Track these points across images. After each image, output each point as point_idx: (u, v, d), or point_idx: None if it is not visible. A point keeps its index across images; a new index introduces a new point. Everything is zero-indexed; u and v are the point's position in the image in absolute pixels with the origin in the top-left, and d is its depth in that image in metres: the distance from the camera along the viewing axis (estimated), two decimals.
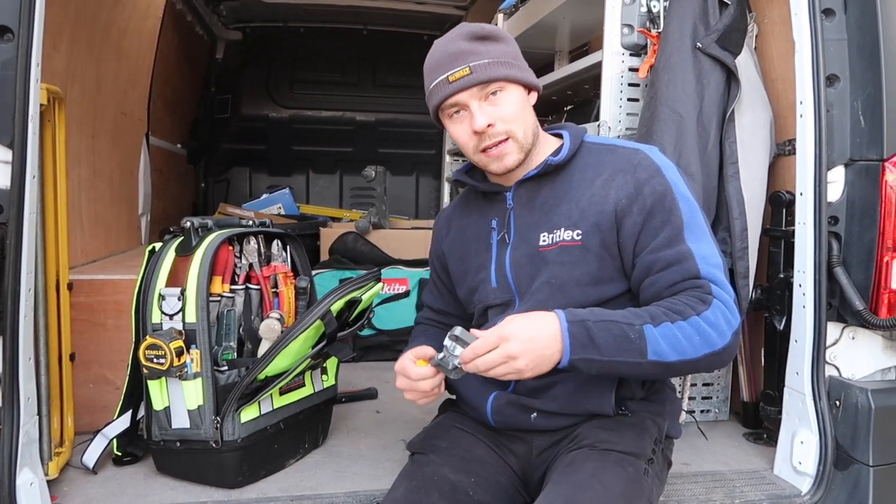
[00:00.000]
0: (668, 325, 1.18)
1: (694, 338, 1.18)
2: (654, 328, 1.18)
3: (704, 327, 1.19)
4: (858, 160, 1.61)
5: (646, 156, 1.33)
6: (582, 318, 1.18)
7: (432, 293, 1.63)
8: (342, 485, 1.64)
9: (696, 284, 1.24)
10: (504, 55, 1.33)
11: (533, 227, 1.37)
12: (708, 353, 1.19)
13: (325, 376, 1.88)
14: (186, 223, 1.68)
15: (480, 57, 1.30)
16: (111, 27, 2.71)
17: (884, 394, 1.60)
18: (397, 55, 4.58)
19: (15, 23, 1.33)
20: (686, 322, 1.19)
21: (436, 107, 1.37)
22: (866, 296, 1.58)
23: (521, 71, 1.35)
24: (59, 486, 1.58)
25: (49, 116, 1.58)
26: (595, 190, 1.32)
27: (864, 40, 1.60)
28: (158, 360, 1.52)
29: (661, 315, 1.20)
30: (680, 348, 1.18)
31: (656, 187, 1.29)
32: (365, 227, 3.27)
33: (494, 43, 1.33)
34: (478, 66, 1.30)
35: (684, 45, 1.84)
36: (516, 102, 1.33)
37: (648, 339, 1.17)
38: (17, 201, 1.35)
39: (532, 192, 1.39)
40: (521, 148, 1.34)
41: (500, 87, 1.31)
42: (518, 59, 1.36)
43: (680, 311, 1.20)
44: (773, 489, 1.66)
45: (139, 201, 3.12)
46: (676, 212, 1.28)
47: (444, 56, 1.33)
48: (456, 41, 1.33)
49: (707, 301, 1.21)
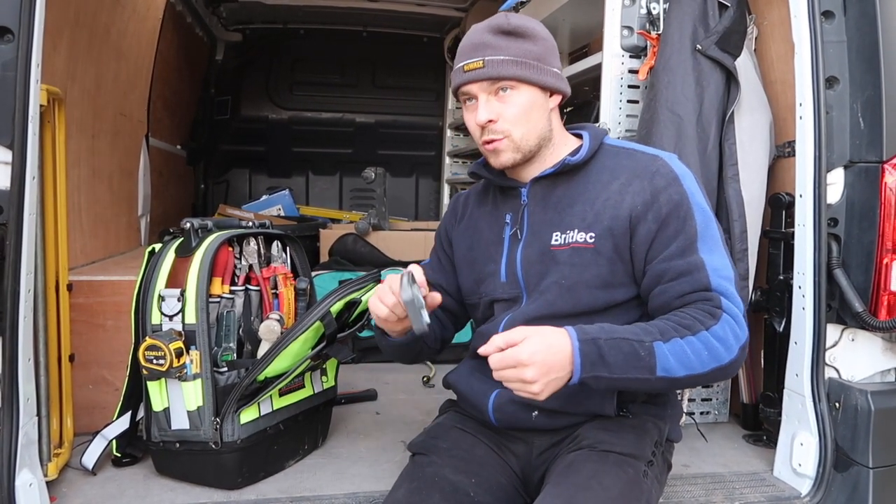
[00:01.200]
0: (677, 341, 1.18)
1: (702, 353, 1.19)
2: (663, 344, 1.18)
3: (713, 342, 1.19)
4: (858, 162, 1.61)
5: (664, 163, 1.33)
6: (593, 337, 1.17)
7: (432, 267, 1.59)
8: (342, 486, 1.64)
9: (706, 297, 1.24)
10: (525, 54, 1.31)
11: (546, 226, 1.36)
12: (715, 367, 1.20)
13: (324, 377, 1.88)
14: (186, 224, 1.68)
15: (498, 52, 1.30)
16: (111, 28, 2.71)
17: (883, 395, 1.60)
18: (397, 57, 4.59)
19: (15, 23, 1.33)
20: (695, 337, 1.19)
21: (454, 90, 1.40)
22: (866, 298, 1.58)
23: (539, 73, 1.33)
24: (58, 487, 1.58)
25: (49, 117, 1.58)
26: (611, 193, 1.32)
27: (864, 42, 1.60)
28: (158, 361, 1.52)
29: (670, 330, 1.20)
30: (688, 363, 1.18)
31: (673, 196, 1.29)
32: (365, 229, 3.27)
33: (520, 40, 1.32)
34: (491, 62, 1.30)
35: (684, 47, 1.85)
36: (524, 104, 1.32)
37: (658, 356, 1.17)
38: (17, 202, 1.35)
39: (547, 190, 1.39)
40: (516, 149, 1.35)
41: (510, 85, 1.31)
42: (542, 60, 1.34)
43: (689, 325, 1.20)
44: (773, 491, 1.66)
45: (139, 202, 3.12)
46: (691, 222, 1.28)
47: (468, 44, 1.34)
48: (482, 32, 1.34)
49: (716, 315, 1.21)
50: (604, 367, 1.15)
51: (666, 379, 1.18)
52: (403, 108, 4.67)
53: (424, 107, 4.67)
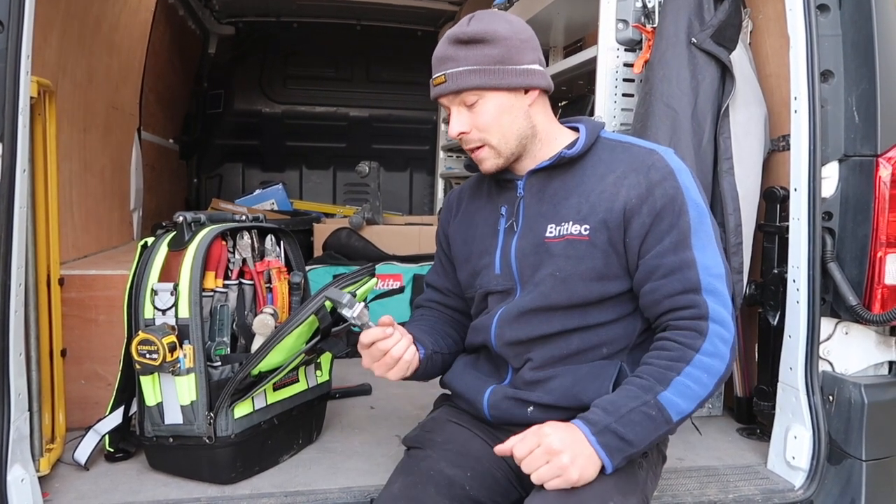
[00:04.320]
0: (676, 380, 1.21)
1: (702, 378, 1.22)
2: (666, 392, 1.20)
3: (706, 361, 1.22)
4: (852, 156, 1.61)
5: (660, 157, 1.33)
6: (605, 426, 1.18)
7: (436, 272, 1.61)
8: (336, 480, 1.63)
9: (694, 302, 1.25)
10: (484, 60, 1.29)
11: (541, 218, 1.36)
12: (716, 381, 1.23)
13: (319, 372, 1.87)
14: (179, 218, 1.66)
15: (458, 64, 1.30)
16: (102, 21, 2.69)
17: (877, 389, 1.60)
18: (391, 51, 4.57)
19: (5, 15, 1.32)
20: (690, 366, 1.21)
21: None
22: (860, 291, 1.59)
23: (501, 76, 1.30)
24: (50, 483, 1.57)
25: (39, 110, 1.57)
26: (606, 186, 1.32)
27: (859, 36, 1.60)
28: (151, 355, 1.51)
29: (665, 372, 1.22)
30: (694, 394, 1.21)
31: (668, 190, 1.29)
32: (359, 223, 3.26)
33: (478, 46, 1.29)
34: (452, 75, 1.30)
35: (679, 40, 1.84)
36: (493, 111, 1.32)
37: (667, 406, 1.20)
38: (7, 195, 1.33)
39: (543, 182, 1.38)
40: (497, 154, 1.35)
41: (476, 95, 1.31)
42: (506, 62, 1.30)
43: (680, 356, 1.23)
44: (767, 484, 1.66)
45: (131, 196, 3.10)
46: (685, 217, 1.28)
47: (435, 58, 1.35)
48: (444, 44, 1.34)
49: (702, 330, 1.23)
50: (628, 446, 1.18)
51: (683, 417, 1.23)
52: (397, 103, 4.66)
53: (418, 101, 4.64)
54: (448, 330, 1.54)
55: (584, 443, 1.17)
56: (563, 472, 1.14)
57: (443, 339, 1.51)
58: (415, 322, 1.56)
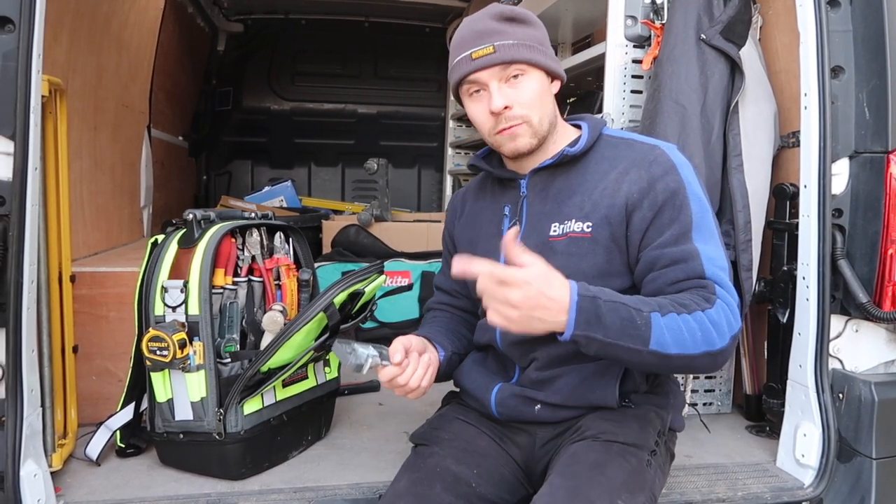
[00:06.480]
0: (673, 316, 1.16)
1: (696, 333, 1.17)
2: (661, 317, 1.15)
3: (708, 324, 1.18)
4: (863, 152, 1.60)
5: (662, 152, 1.32)
6: (594, 295, 1.13)
7: (444, 274, 1.61)
8: (345, 476, 1.64)
9: (701, 284, 1.22)
10: (531, 39, 1.32)
11: (545, 217, 1.36)
12: (706, 351, 1.17)
13: (327, 368, 1.88)
14: (189, 215, 1.67)
15: (506, 37, 1.29)
16: (112, 19, 2.70)
17: (887, 386, 1.59)
18: (399, 47, 4.57)
19: (16, 13, 1.32)
20: (691, 316, 1.17)
21: (456, 83, 1.36)
22: (870, 288, 1.58)
23: (546, 57, 1.33)
24: (62, 478, 1.59)
25: (50, 108, 1.58)
26: (608, 182, 1.32)
27: (869, 31, 1.59)
28: (161, 352, 1.52)
29: (668, 305, 1.18)
30: (682, 342, 1.16)
31: (669, 184, 1.28)
32: (367, 220, 3.27)
33: (523, 25, 1.32)
34: (502, 46, 1.29)
35: (688, 36, 1.83)
36: (536, 88, 1.32)
37: (654, 328, 1.14)
38: (20, 193, 1.34)
39: (546, 181, 1.38)
40: (534, 133, 1.33)
41: (521, 70, 1.30)
42: (545, 45, 1.34)
43: (686, 304, 1.19)
44: (776, 482, 1.66)
45: (141, 194, 3.12)
46: (686, 210, 1.27)
47: (471, 33, 1.32)
48: (484, 20, 1.32)
49: (711, 301, 1.20)
50: (599, 328, 1.11)
51: (657, 354, 1.14)
52: (405, 99, 4.65)
53: (427, 97, 4.65)
54: (462, 330, 1.55)
55: (558, 296, 1.08)
56: (503, 309, 1.07)
57: (458, 340, 1.51)
58: (429, 324, 1.56)
